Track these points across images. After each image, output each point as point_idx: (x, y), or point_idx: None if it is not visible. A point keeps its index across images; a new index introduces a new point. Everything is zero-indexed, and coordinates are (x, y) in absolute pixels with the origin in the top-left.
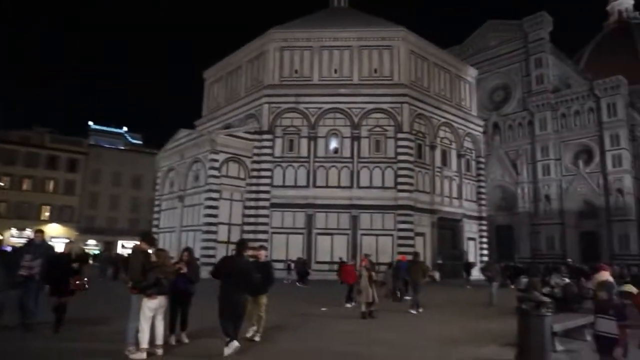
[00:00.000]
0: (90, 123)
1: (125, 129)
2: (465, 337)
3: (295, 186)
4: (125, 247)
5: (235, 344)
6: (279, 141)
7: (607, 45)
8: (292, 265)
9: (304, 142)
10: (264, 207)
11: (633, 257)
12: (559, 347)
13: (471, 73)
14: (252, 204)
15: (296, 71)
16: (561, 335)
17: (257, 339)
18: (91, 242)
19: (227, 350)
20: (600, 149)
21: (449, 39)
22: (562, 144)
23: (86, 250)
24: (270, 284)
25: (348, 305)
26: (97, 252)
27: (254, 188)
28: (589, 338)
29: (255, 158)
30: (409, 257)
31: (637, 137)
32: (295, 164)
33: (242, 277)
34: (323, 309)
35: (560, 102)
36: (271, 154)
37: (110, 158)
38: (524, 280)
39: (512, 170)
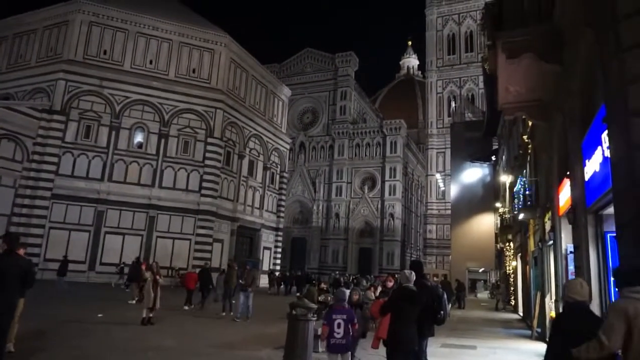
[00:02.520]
0: None
1: None
2: (244, 341)
3: (86, 178)
4: None
5: None
6: (73, 125)
7: (396, 93)
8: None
9: (104, 130)
10: (42, 198)
11: (395, 270)
12: (321, 349)
13: (286, 92)
14: (29, 192)
15: (105, 52)
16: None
17: (12, 349)
18: None
19: None
20: (382, 178)
21: (270, 56)
22: (354, 169)
23: None
24: (30, 286)
25: (185, 307)
26: None
27: (33, 174)
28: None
29: (40, 140)
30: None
31: (409, 172)
32: (90, 154)
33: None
34: (99, 315)
35: (357, 133)
36: (61, 138)
37: None
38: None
39: (311, 188)
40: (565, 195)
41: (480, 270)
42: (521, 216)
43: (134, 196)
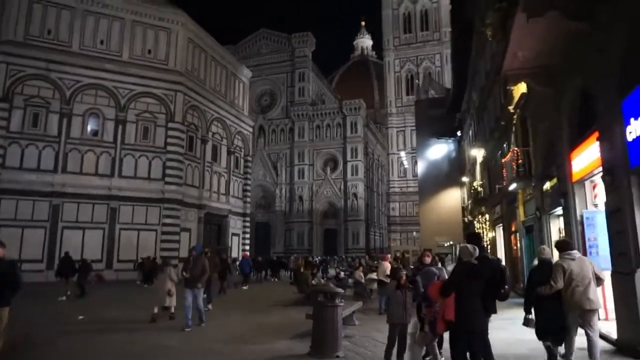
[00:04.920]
0: None
1: None
2: (252, 334)
3: (37, 170)
4: None
5: None
6: (17, 113)
7: (352, 73)
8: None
9: (54, 118)
10: None
11: (360, 250)
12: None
13: (246, 74)
14: None
15: (49, 31)
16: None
17: None
18: None
19: None
20: (343, 159)
21: (223, 38)
22: (315, 151)
23: None
24: (14, 290)
25: None
26: None
27: None
28: (357, 322)
29: None
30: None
31: (369, 152)
32: (40, 144)
33: None
34: (80, 317)
35: (317, 114)
36: (5, 128)
37: None
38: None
39: (272, 172)
40: (583, 159)
41: (446, 244)
42: (513, 186)
43: (92, 187)
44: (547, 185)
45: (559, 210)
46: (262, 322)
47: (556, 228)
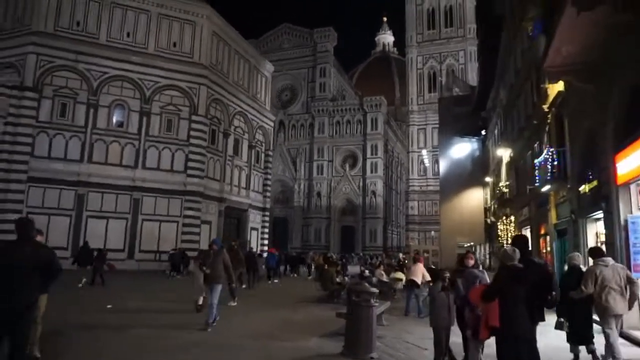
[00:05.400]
0: None
1: None
2: (279, 330)
3: (64, 159)
4: None
5: None
6: (46, 103)
7: (372, 70)
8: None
9: (82, 108)
10: (18, 181)
11: (377, 248)
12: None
13: (269, 68)
14: (2, 175)
15: (78, 23)
16: None
17: (37, 354)
18: None
19: None
20: (363, 156)
21: (245, 31)
22: (335, 147)
23: None
24: (55, 277)
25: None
26: None
27: (5, 156)
28: (385, 323)
29: (11, 119)
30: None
31: (389, 149)
32: (67, 133)
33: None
34: (109, 306)
35: (337, 110)
36: (34, 117)
37: None
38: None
39: (291, 167)
40: (631, 162)
41: (466, 245)
42: (546, 188)
43: (116, 178)
44: (586, 188)
45: (597, 214)
46: (288, 318)
47: (593, 232)
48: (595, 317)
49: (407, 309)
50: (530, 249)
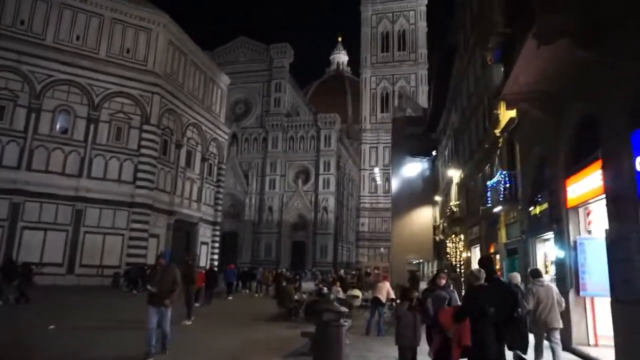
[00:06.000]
0: None
1: None
2: (242, 352)
3: None
4: None
5: None
6: None
7: (327, 87)
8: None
9: (22, 112)
10: None
11: (328, 264)
12: None
13: (225, 80)
14: None
15: (22, 22)
16: None
17: None
18: None
19: None
20: (316, 172)
21: (202, 43)
22: (287, 162)
23: None
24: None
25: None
26: None
27: None
28: (347, 342)
29: None
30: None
31: (341, 166)
32: (4, 138)
33: None
34: (51, 327)
35: (291, 126)
36: None
37: None
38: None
39: (243, 181)
40: (580, 187)
41: (415, 262)
42: (498, 209)
43: (57, 187)
44: (536, 210)
45: (546, 235)
46: (250, 338)
47: (542, 252)
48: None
49: (369, 328)
50: (496, 268)
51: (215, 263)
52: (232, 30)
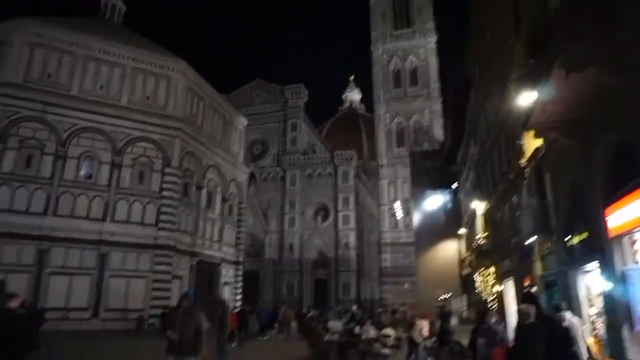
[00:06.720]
0: None
1: None
2: None
3: (26, 212)
4: None
5: None
6: (10, 154)
7: (341, 125)
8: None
9: (48, 160)
10: None
11: (351, 301)
12: None
13: (242, 122)
14: None
15: (49, 75)
16: None
17: None
18: None
19: None
20: (335, 209)
21: (219, 86)
22: (306, 200)
23: None
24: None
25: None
26: None
27: None
28: None
29: None
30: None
31: (360, 202)
32: (32, 185)
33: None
34: None
35: (308, 164)
36: None
37: None
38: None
39: (262, 220)
40: (622, 215)
41: (443, 297)
42: (531, 240)
43: (82, 231)
44: (574, 240)
45: (588, 266)
46: None
47: (583, 284)
48: None
49: None
50: (540, 304)
51: (239, 304)
52: (247, 73)
